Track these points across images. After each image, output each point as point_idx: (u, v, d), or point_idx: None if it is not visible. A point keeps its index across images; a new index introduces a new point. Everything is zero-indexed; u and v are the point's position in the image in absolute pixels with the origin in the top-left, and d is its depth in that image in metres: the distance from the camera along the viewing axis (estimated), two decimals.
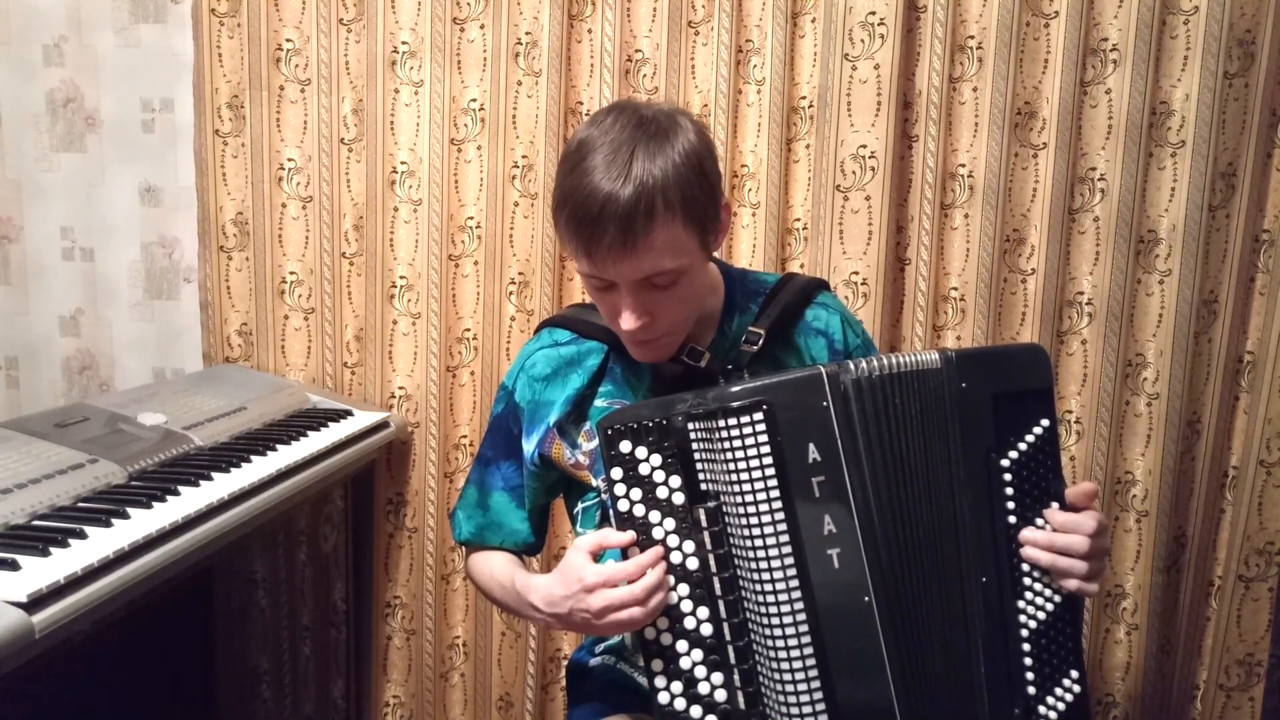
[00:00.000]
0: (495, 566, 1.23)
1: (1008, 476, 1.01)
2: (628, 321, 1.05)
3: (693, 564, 0.99)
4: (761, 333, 1.15)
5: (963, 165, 1.75)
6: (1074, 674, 1.02)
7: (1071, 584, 1.01)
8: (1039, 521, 1.02)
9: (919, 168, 1.75)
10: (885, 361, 1.00)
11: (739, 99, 1.78)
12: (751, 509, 0.95)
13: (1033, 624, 1.01)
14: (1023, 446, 1.02)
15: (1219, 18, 1.64)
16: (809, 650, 0.95)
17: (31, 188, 2.08)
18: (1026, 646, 1.01)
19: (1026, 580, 1.01)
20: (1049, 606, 1.02)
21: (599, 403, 1.19)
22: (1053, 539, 1.00)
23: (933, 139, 1.72)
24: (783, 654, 0.95)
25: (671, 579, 0.99)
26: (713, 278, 1.20)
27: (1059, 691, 1.02)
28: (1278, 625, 1.78)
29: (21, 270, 2.11)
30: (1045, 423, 1.02)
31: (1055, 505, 1.02)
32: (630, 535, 1.01)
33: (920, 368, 1.01)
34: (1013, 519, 1.01)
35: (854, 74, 1.72)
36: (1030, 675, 1.01)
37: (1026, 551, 1.01)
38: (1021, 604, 1.01)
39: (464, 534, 1.29)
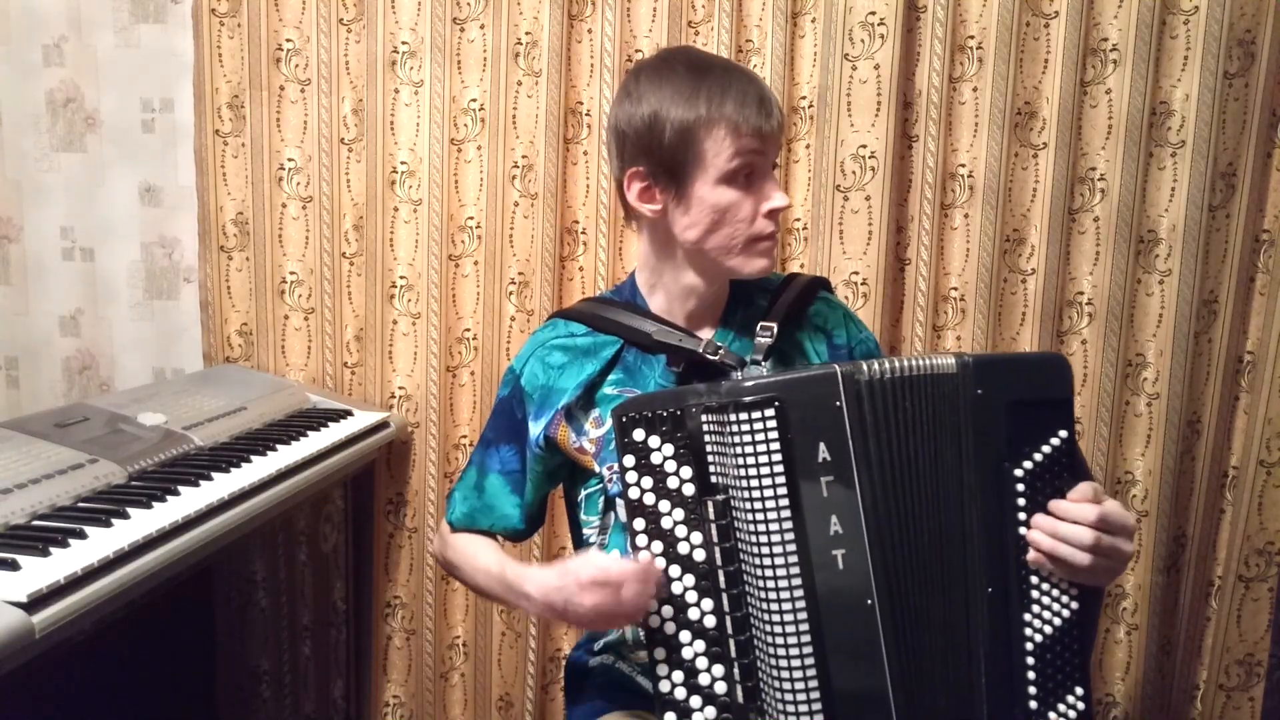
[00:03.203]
0: (481, 554, 1.22)
1: (1020, 486, 0.99)
2: (781, 199, 1.12)
3: (699, 555, 0.99)
4: (774, 326, 1.16)
5: (963, 165, 1.75)
6: (1079, 690, 1.00)
7: (1076, 574, 0.98)
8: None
9: (919, 168, 1.75)
10: (900, 364, 0.98)
11: None
12: (758, 505, 0.94)
13: (1039, 637, 0.98)
14: (1038, 457, 0.99)
15: (1219, 18, 1.64)
16: (808, 650, 0.94)
17: (31, 188, 2.08)
18: (1031, 660, 0.99)
19: (1035, 593, 0.99)
20: (1057, 621, 0.99)
21: (608, 390, 1.19)
22: (1055, 526, 0.97)
23: (933, 139, 1.72)
24: (781, 651, 0.94)
25: (668, 580, 0.99)
26: None
27: (1062, 708, 1.00)
28: (1278, 625, 1.78)
29: (21, 270, 2.11)
30: (1063, 434, 1.00)
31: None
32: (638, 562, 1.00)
33: (936, 371, 0.99)
34: (1024, 530, 0.99)
35: (854, 74, 1.72)
36: (1033, 689, 0.99)
37: (1031, 535, 0.98)
38: (1028, 616, 0.98)
39: (455, 515, 1.29)
